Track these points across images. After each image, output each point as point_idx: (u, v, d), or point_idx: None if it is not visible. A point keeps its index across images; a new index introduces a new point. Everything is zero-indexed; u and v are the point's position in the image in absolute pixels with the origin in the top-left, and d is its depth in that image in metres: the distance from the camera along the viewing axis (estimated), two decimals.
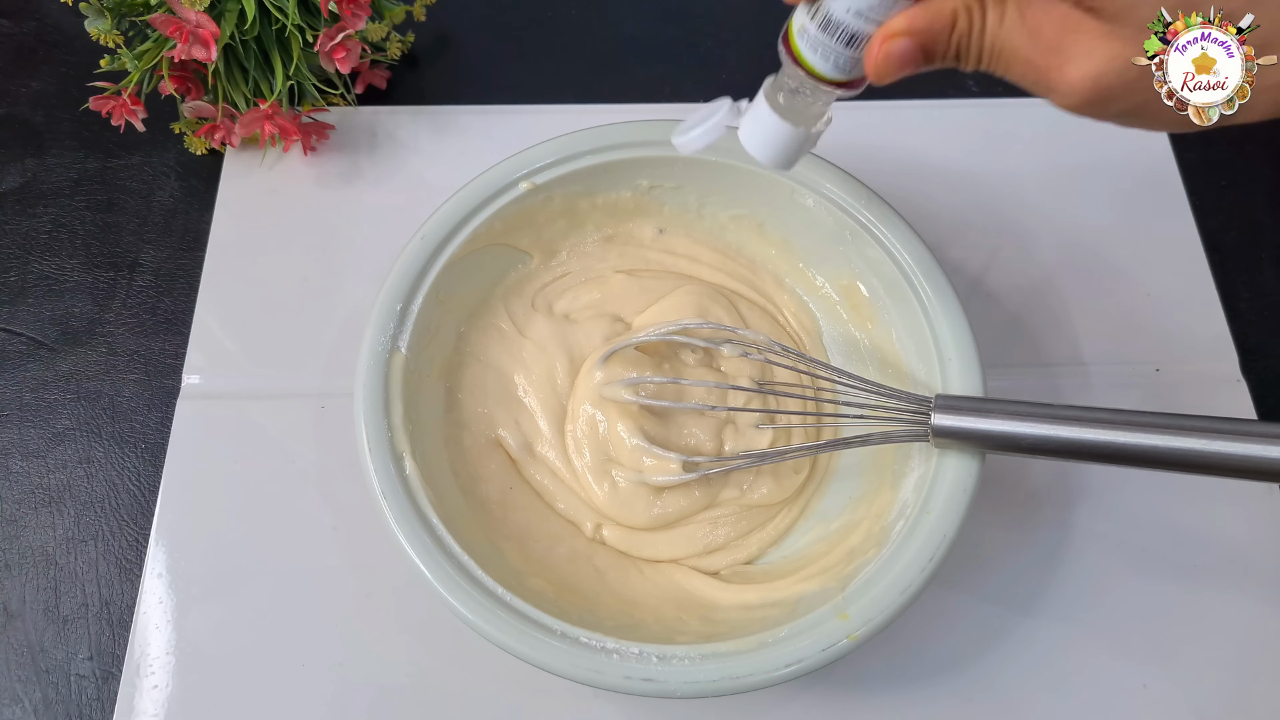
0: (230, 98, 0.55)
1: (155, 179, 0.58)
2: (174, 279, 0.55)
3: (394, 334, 0.44)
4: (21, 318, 0.54)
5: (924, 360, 0.45)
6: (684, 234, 0.53)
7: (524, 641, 0.38)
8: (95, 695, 0.45)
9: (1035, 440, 0.39)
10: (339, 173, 0.58)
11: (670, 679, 0.38)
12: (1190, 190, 0.59)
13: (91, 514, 0.49)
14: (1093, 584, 0.48)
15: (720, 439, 0.47)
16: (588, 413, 0.47)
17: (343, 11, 0.52)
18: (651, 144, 0.49)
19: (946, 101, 0.61)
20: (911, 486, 0.43)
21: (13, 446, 0.50)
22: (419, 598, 0.46)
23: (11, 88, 0.61)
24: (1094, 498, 0.50)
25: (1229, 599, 0.48)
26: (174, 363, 0.52)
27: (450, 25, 0.64)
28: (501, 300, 0.50)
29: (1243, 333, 0.55)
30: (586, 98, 0.61)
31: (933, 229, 0.53)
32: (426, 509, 0.41)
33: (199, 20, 0.50)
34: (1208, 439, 0.37)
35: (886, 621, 0.39)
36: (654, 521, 0.46)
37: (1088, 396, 0.53)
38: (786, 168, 0.40)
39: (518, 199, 0.48)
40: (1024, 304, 0.55)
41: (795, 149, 0.39)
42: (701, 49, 0.64)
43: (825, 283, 0.51)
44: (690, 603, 0.44)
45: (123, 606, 0.47)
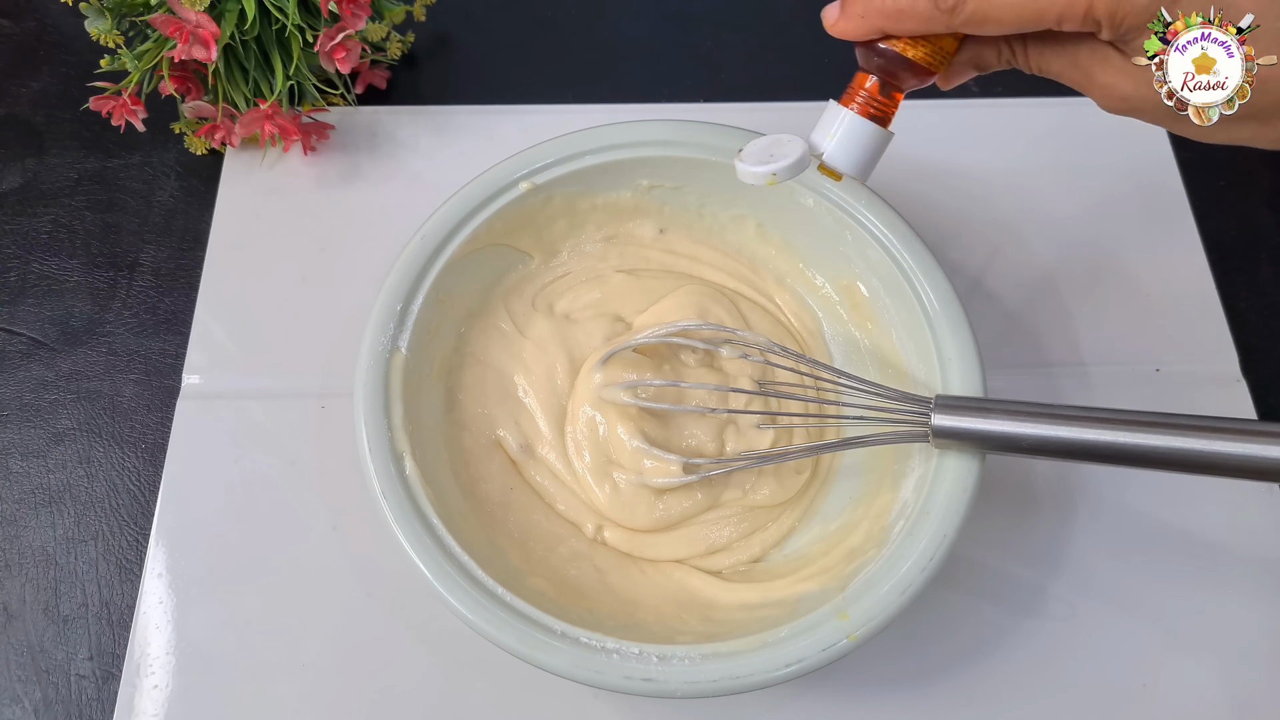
0: (230, 98, 0.55)
1: (155, 179, 0.58)
2: (174, 279, 0.55)
3: (394, 334, 0.44)
4: (21, 318, 0.54)
5: (924, 360, 0.45)
6: (684, 234, 0.53)
7: (524, 641, 0.38)
8: (95, 695, 0.45)
9: (1035, 440, 0.39)
10: (339, 173, 0.58)
11: (670, 679, 0.38)
12: (1190, 190, 0.59)
13: (91, 514, 0.49)
14: (1092, 583, 0.48)
15: (721, 440, 0.47)
16: (587, 414, 0.47)
17: (343, 11, 0.52)
18: (651, 144, 0.49)
19: (946, 101, 0.61)
20: (911, 487, 0.43)
21: (13, 446, 0.50)
22: (419, 598, 0.46)
23: (11, 88, 0.61)
24: (1094, 498, 0.50)
25: (1229, 599, 0.48)
26: (174, 363, 0.52)
27: (450, 25, 0.64)
28: (502, 300, 0.50)
29: (1243, 333, 0.55)
30: (586, 98, 0.61)
31: (933, 229, 0.53)
32: (426, 509, 0.41)
33: (199, 20, 0.50)
34: (1208, 439, 0.37)
35: (886, 621, 0.39)
36: (655, 523, 0.46)
37: (1088, 396, 0.53)
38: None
39: (518, 199, 0.48)
40: (1024, 304, 0.55)
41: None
42: (701, 49, 0.64)
43: (825, 283, 0.51)
44: (691, 602, 0.44)
45: (123, 606, 0.47)
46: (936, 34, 0.34)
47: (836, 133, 0.37)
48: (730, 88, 0.63)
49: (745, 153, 0.39)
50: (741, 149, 0.39)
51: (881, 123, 0.37)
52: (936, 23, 0.33)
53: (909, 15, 0.34)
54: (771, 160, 0.37)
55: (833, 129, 0.37)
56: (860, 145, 0.37)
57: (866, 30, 0.35)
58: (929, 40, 0.35)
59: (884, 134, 0.38)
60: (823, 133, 0.38)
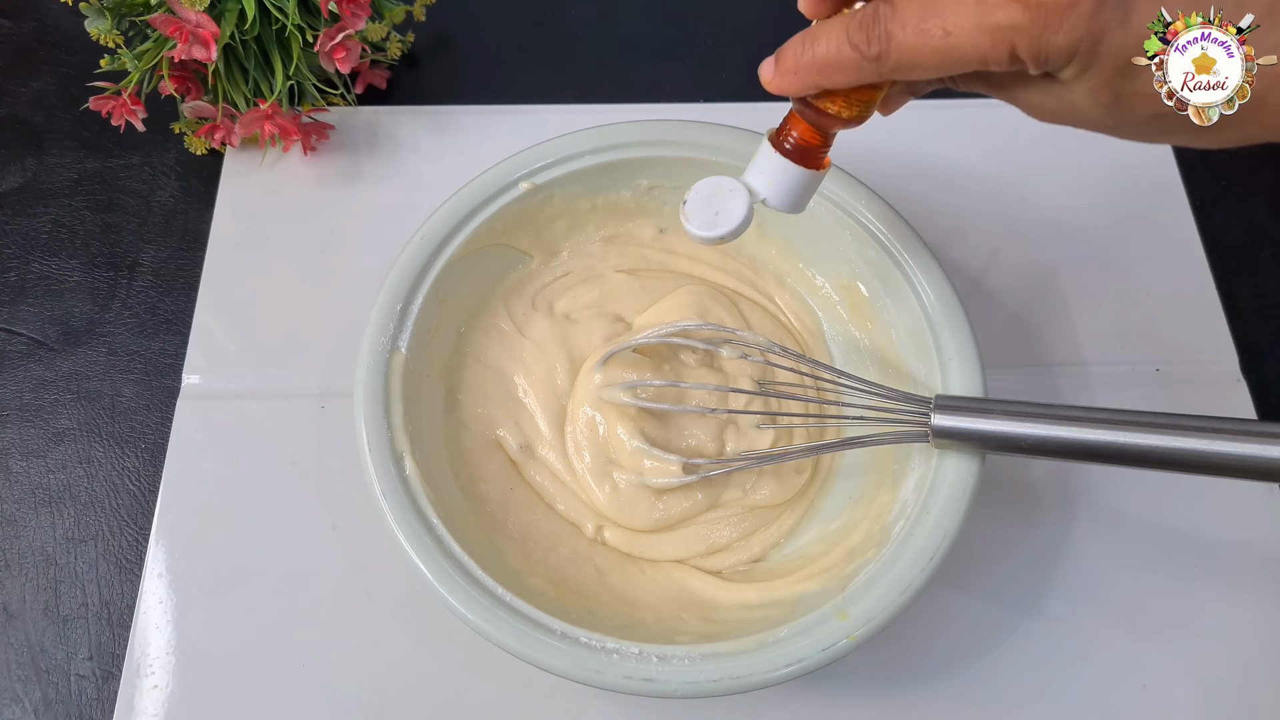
0: (230, 98, 0.55)
1: (155, 179, 0.58)
2: (174, 279, 0.55)
3: (394, 334, 0.44)
4: (21, 318, 0.54)
5: (924, 360, 0.45)
6: (684, 234, 0.53)
7: (524, 641, 0.38)
8: (95, 695, 0.45)
9: (1035, 440, 0.39)
10: (339, 173, 0.58)
11: (670, 679, 0.38)
12: (1190, 190, 0.59)
13: (91, 514, 0.49)
14: (1092, 584, 0.48)
15: (722, 440, 0.47)
16: (587, 415, 0.47)
17: (343, 11, 0.52)
18: (651, 144, 0.49)
19: (946, 101, 0.61)
20: (911, 487, 0.43)
21: (13, 446, 0.50)
22: (419, 598, 0.46)
23: (11, 88, 0.61)
24: (1094, 498, 0.50)
25: (1229, 599, 0.48)
26: (174, 363, 0.52)
27: (450, 25, 0.64)
28: (502, 300, 0.50)
29: (1243, 333, 0.55)
30: (586, 98, 0.61)
31: (933, 229, 0.53)
32: (426, 509, 0.41)
33: (199, 20, 0.50)
34: (1208, 439, 0.37)
35: (886, 621, 0.39)
36: (655, 523, 0.46)
37: (1088, 396, 0.53)
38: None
39: (518, 199, 0.48)
40: (1024, 304, 0.55)
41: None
42: (701, 49, 0.64)
43: (825, 283, 0.51)
44: (690, 602, 0.44)
45: (123, 606, 0.47)
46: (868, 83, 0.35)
47: (775, 179, 0.39)
48: (730, 88, 0.63)
49: (689, 207, 0.40)
50: (685, 199, 0.40)
51: (814, 164, 0.38)
52: (866, 72, 0.34)
53: (838, 68, 0.34)
54: (717, 220, 0.39)
55: (770, 174, 0.39)
56: (796, 188, 0.39)
57: (800, 86, 0.36)
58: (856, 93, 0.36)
59: (817, 175, 0.39)
60: (760, 178, 0.39)
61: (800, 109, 0.37)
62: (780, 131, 0.39)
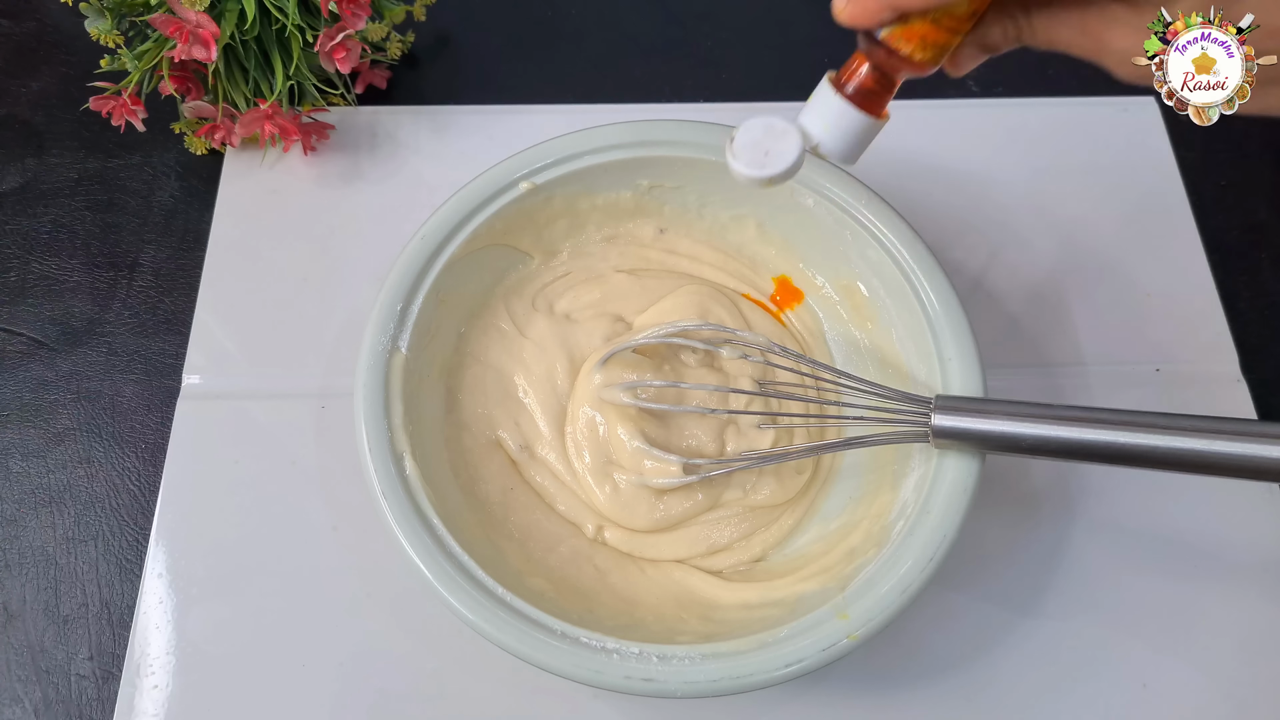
0: (230, 98, 0.55)
1: (155, 179, 0.58)
2: (174, 279, 0.55)
3: (394, 334, 0.44)
4: (21, 318, 0.54)
5: (924, 360, 0.45)
6: (684, 234, 0.53)
7: (524, 641, 0.38)
8: (95, 695, 0.45)
9: (1035, 440, 0.39)
10: (339, 173, 0.58)
11: (670, 679, 0.38)
12: (1190, 190, 0.59)
13: (91, 514, 0.49)
14: (1092, 584, 0.48)
15: (722, 440, 0.47)
16: (587, 415, 0.47)
17: (343, 11, 0.52)
18: (652, 144, 0.49)
19: (946, 101, 0.61)
20: (912, 486, 0.43)
21: (13, 446, 0.50)
22: (419, 598, 0.45)
23: (11, 88, 0.61)
24: (1094, 498, 0.50)
25: (1228, 599, 0.48)
26: (174, 363, 0.52)
27: (450, 25, 0.64)
28: (502, 300, 0.50)
29: (1243, 333, 0.55)
30: (586, 98, 0.61)
31: (933, 229, 0.53)
32: (426, 509, 0.41)
33: (199, 20, 0.50)
34: (1208, 439, 0.37)
35: (886, 621, 0.39)
36: (656, 524, 0.46)
37: (1088, 396, 0.53)
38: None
39: (518, 199, 0.48)
40: (1024, 304, 0.55)
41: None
42: (701, 49, 0.64)
43: (825, 283, 0.51)
44: (691, 602, 0.44)
45: (123, 606, 0.47)
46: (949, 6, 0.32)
47: (831, 123, 0.36)
48: (730, 88, 0.63)
49: (737, 145, 0.36)
50: (732, 137, 0.37)
51: (875, 110, 0.36)
52: None
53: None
54: (767, 160, 0.36)
55: (828, 118, 0.36)
56: (854, 136, 0.36)
57: (877, 10, 0.33)
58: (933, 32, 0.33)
59: (877, 124, 0.36)
60: (818, 121, 0.36)
61: (869, 48, 0.35)
62: (842, 74, 0.36)
